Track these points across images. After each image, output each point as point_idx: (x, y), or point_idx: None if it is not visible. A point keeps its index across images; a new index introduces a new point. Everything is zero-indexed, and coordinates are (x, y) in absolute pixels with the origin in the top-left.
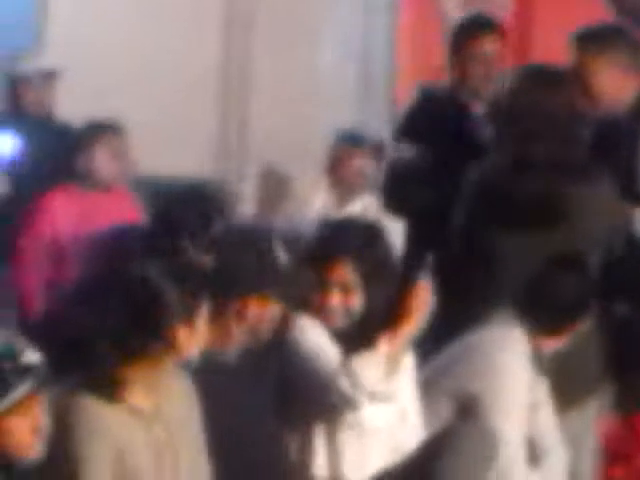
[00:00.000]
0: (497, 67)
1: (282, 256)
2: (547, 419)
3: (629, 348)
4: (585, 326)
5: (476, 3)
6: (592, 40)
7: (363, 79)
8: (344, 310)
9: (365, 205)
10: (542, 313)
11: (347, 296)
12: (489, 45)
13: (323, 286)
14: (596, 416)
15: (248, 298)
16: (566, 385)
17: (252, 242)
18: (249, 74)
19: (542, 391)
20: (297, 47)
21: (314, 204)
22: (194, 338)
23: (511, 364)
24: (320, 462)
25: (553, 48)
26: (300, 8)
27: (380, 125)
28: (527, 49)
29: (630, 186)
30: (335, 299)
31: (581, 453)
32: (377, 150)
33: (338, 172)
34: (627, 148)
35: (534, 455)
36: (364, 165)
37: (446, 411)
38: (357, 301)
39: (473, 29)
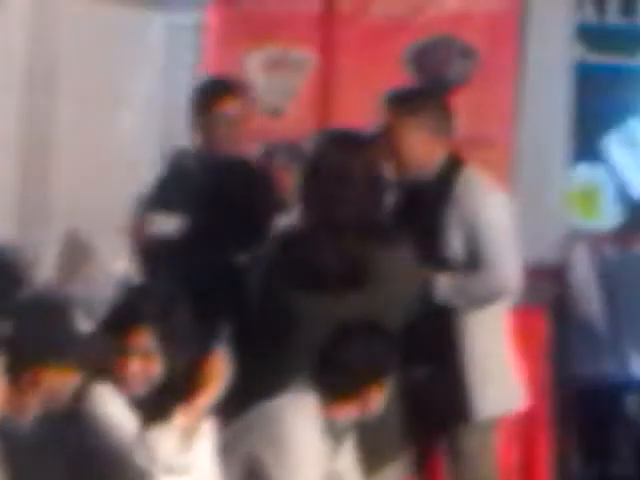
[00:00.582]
0: (242, 128)
1: (81, 323)
2: None
3: (426, 412)
4: (385, 392)
5: (278, 68)
6: (402, 103)
7: (167, 139)
8: (144, 377)
9: None
10: (334, 378)
11: (147, 363)
12: (230, 106)
13: (123, 353)
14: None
15: (44, 367)
16: (367, 452)
17: (49, 310)
18: (51, 138)
19: (345, 461)
20: (99, 110)
21: (115, 271)
22: None
23: (301, 431)
24: None
25: (356, 112)
26: (101, 70)
27: None
28: (330, 112)
29: (433, 252)
30: (135, 366)
31: None
32: None
33: (136, 236)
34: (432, 213)
35: None
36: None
37: (239, 477)
38: (157, 368)
39: (214, 91)
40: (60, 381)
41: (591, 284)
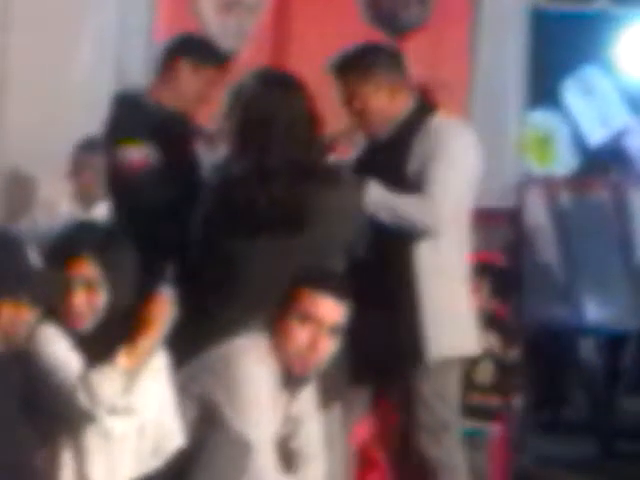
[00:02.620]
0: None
1: (34, 259)
2: (312, 430)
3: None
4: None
5: (232, 12)
6: (351, 69)
7: (118, 81)
8: (89, 309)
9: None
10: None
11: (90, 294)
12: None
13: (67, 286)
14: (346, 420)
15: (1, 302)
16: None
17: (4, 244)
18: (4, 74)
19: (306, 402)
20: (54, 47)
21: (59, 209)
22: None
23: (253, 373)
24: (67, 473)
25: (309, 53)
26: (57, 6)
27: None
28: (283, 57)
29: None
30: (79, 297)
31: (333, 456)
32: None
33: (78, 178)
34: (398, 154)
35: (294, 463)
36: (100, 171)
37: (194, 417)
38: (101, 299)
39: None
40: (17, 317)
41: (545, 229)
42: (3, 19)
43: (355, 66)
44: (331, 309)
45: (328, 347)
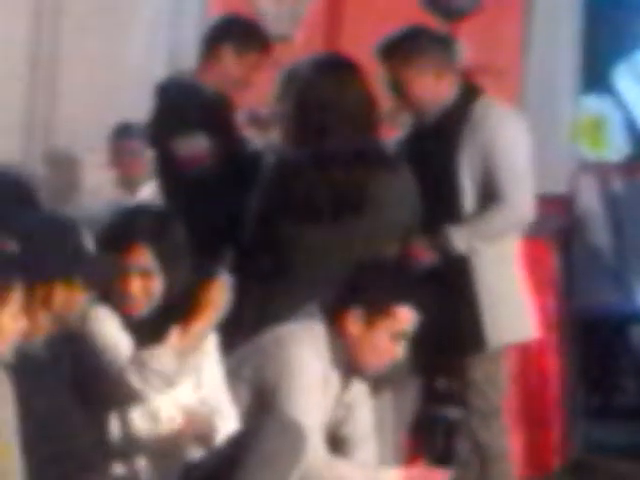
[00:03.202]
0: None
1: (88, 242)
2: (363, 416)
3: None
4: None
5: None
6: (393, 53)
7: (172, 64)
8: (145, 296)
9: (154, 190)
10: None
11: (147, 281)
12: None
13: (122, 272)
14: (399, 409)
15: (55, 283)
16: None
17: (58, 226)
18: (57, 58)
19: (358, 388)
20: (107, 31)
21: (105, 195)
22: (6, 329)
23: (305, 358)
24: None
25: (363, 37)
26: None
27: None
28: (337, 41)
29: (444, 193)
30: (135, 285)
31: (383, 441)
32: None
33: (118, 164)
34: (447, 144)
35: (344, 448)
36: (139, 155)
37: (246, 400)
38: (157, 286)
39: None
40: (71, 299)
41: (598, 215)
42: (56, 3)
43: (397, 50)
44: (413, 319)
45: (403, 351)
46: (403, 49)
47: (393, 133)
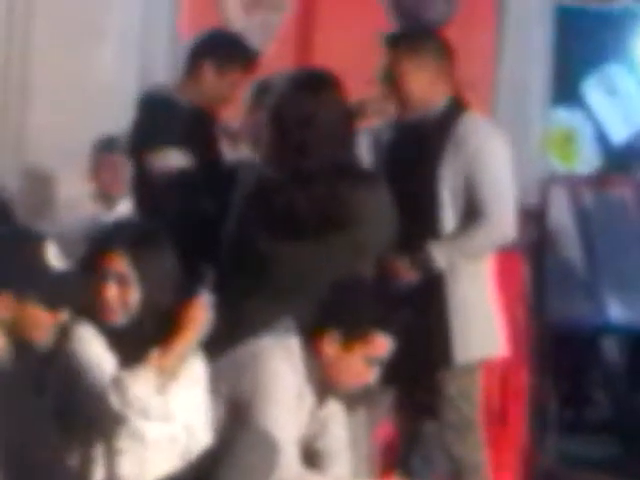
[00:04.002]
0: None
1: (53, 258)
2: (337, 431)
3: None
4: None
5: (257, 9)
6: (403, 42)
7: (143, 79)
8: (121, 304)
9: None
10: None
11: (123, 289)
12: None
13: (100, 279)
14: (370, 422)
15: (2, 296)
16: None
17: (13, 240)
18: (28, 73)
19: (333, 406)
20: (77, 46)
21: (81, 209)
22: None
23: (280, 372)
24: (99, 474)
25: (336, 51)
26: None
27: None
28: (308, 54)
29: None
30: (111, 291)
31: (357, 457)
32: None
33: (97, 178)
34: (430, 155)
35: (318, 463)
36: (120, 169)
37: (222, 414)
38: (133, 295)
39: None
40: (28, 317)
41: (568, 228)
42: (26, 19)
43: (406, 40)
44: (389, 347)
45: (376, 376)
46: (412, 40)
47: (373, 121)
